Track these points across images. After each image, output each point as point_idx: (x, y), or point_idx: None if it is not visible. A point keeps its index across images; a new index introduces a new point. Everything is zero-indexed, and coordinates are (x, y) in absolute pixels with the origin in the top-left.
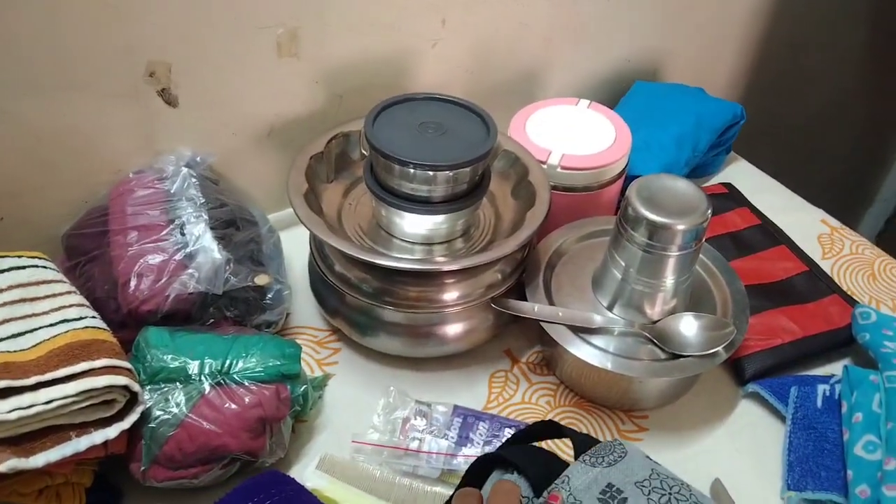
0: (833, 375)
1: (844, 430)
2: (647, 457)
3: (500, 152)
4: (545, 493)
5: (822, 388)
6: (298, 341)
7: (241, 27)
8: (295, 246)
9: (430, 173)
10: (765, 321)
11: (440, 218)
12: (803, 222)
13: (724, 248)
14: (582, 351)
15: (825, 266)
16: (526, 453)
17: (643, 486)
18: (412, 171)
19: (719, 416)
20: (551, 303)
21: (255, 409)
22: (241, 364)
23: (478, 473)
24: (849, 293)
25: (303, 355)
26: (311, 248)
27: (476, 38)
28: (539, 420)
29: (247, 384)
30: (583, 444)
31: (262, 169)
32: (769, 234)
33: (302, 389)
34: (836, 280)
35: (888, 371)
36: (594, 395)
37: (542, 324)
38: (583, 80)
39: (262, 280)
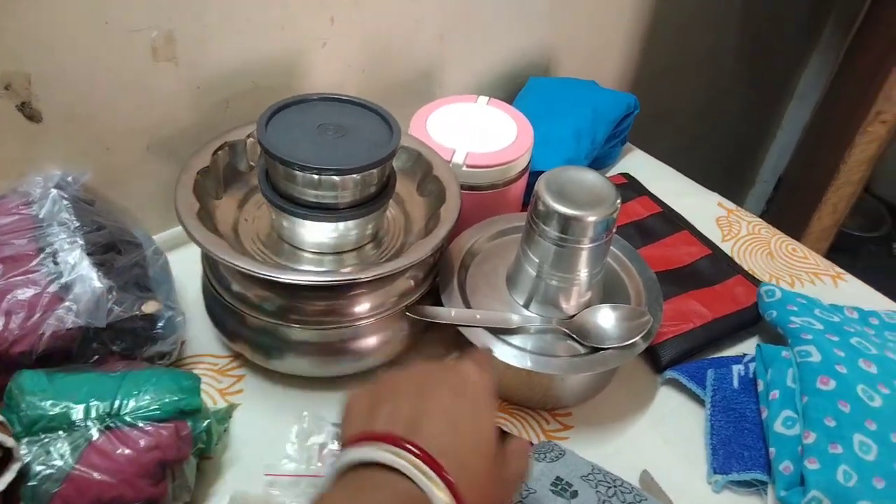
0: (745, 355)
1: (762, 408)
2: (582, 457)
3: (398, 149)
4: None
5: (736, 369)
6: (197, 371)
7: (109, 31)
8: (186, 267)
9: (338, 178)
10: (675, 307)
11: (349, 224)
12: (701, 206)
13: (630, 237)
14: (501, 352)
15: (726, 248)
16: None
17: (589, 479)
18: (317, 177)
19: (641, 407)
20: (467, 305)
21: (153, 451)
22: (132, 403)
23: None
24: (750, 272)
25: (203, 386)
26: (203, 269)
27: (368, 36)
28: None
29: (141, 425)
30: None
31: (143, 186)
32: (671, 221)
33: (205, 424)
34: (738, 260)
35: (798, 346)
36: (517, 396)
37: (459, 328)
38: (480, 77)
39: (150, 307)
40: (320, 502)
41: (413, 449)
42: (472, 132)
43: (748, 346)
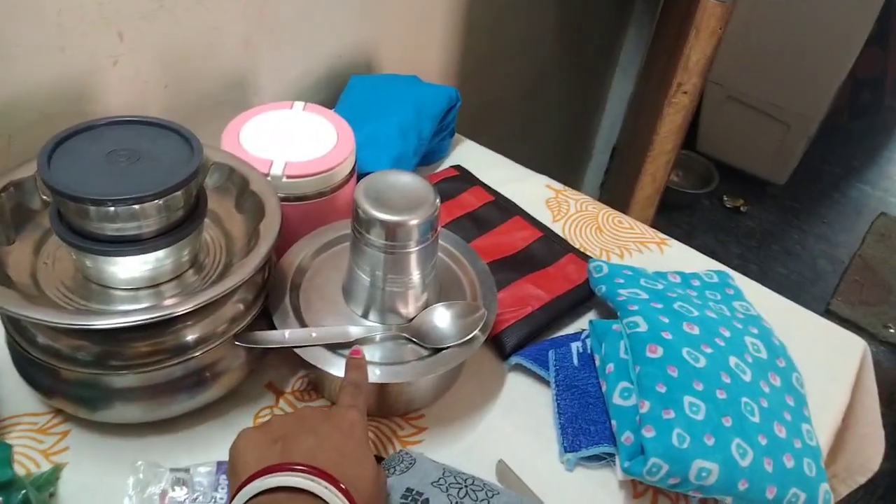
0: (583, 331)
1: (602, 382)
2: (434, 461)
3: (210, 166)
4: None
5: (575, 346)
6: (15, 434)
7: None
8: None
9: (137, 207)
10: (513, 292)
11: (160, 255)
12: (530, 190)
13: (465, 228)
14: (344, 369)
15: (557, 228)
16: None
17: (440, 484)
18: (112, 209)
19: (491, 397)
20: (302, 323)
21: None
22: None
23: None
24: (582, 249)
25: (24, 449)
26: (3, 324)
27: (164, 49)
28: None
29: None
30: None
31: None
32: (503, 208)
33: (20, 496)
34: (569, 239)
35: (626, 318)
36: (369, 407)
37: (296, 350)
38: (297, 82)
39: None
40: None
41: (310, 469)
42: (290, 141)
43: (587, 322)
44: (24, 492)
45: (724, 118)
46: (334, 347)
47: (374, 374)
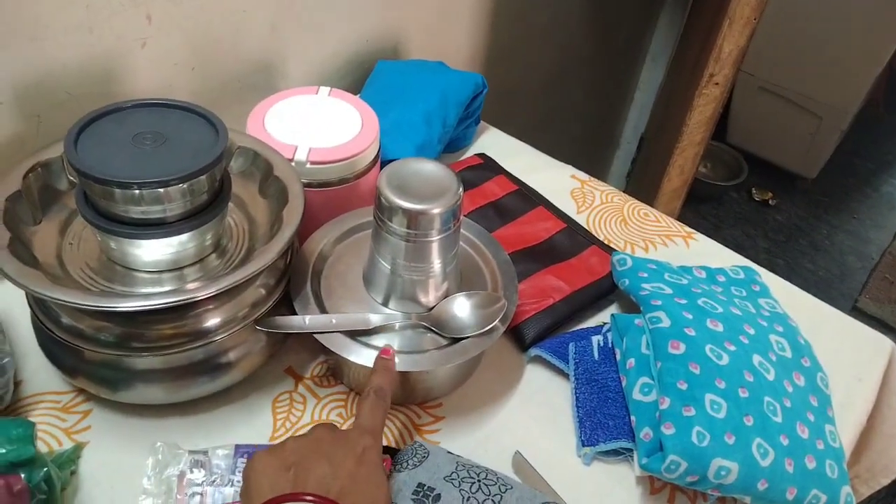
0: (605, 324)
1: (622, 377)
2: (449, 452)
3: (234, 150)
4: None
5: (596, 340)
6: (39, 412)
7: None
8: (15, 301)
9: (161, 191)
10: (535, 284)
11: (183, 238)
12: (555, 180)
13: (488, 217)
14: (363, 356)
15: (581, 219)
16: None
17: (452, 479)
18: (138, 192)
19: (510, 387)
20: (323, 310)
21: None
22: None
23: None
24: (605, 241)
25: (47, 427)
26: (29, 304)
27: (192, 32)
28: None
29: None
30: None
31: None
32: (526, 198)
33: (43, 473)
34: (593, 231)
35: (649, 313)
36: None
37: (316, 336)
38: (323, 66)
39: None
40: None
41: (320, 500)
42: (315, 126)
43: (609, 315)
44: (45, 469)
45: (755, 109)
46: (354, 334)
47: None
